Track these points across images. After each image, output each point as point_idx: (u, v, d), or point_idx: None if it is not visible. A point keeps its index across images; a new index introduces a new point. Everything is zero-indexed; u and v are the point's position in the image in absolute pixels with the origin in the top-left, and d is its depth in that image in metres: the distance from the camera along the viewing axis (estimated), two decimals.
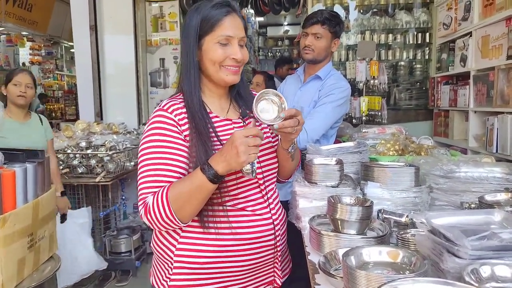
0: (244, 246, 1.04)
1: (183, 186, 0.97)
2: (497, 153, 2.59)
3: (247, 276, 1.08)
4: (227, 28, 1.05)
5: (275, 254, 1.10)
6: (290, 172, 1.23)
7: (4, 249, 1.46)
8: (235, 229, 1.03)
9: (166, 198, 0.96)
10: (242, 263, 1.05)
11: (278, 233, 1.09)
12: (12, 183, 1.51)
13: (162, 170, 1.00)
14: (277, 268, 1.13)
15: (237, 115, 1.16)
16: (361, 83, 3.19)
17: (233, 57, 1.06)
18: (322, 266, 0.83)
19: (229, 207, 1.04)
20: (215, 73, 1.08)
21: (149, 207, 0.98)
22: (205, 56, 1.07)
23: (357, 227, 0.95)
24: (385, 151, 1.79)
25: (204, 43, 1.07)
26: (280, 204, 1.17)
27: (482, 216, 0.81)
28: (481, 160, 1.52)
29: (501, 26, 2.63)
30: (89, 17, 3.75)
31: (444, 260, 0.67)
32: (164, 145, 1.02)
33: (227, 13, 1.06)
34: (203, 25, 1.06)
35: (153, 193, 0.99)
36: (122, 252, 3.02)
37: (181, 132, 1.04)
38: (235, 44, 1.06)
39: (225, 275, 1.05)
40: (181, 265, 1.05)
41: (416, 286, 0.54)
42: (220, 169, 0.93)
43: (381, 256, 0.71)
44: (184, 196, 0.96)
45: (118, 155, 2.78)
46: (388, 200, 1.12)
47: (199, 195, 0.97)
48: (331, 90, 1.80)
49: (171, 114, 1.05)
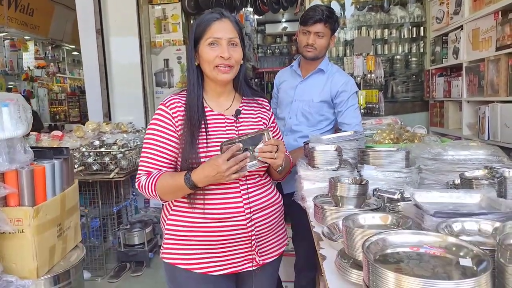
0: (216, 223, 1.23)
1: (168, 183, 1.21)
2: (488, 140, 2.73)
3: (225, 249, 1.26)
4: (215, 31, 1.23)
5: (249, 235, 1.25)
6: (280, 178, 1.44)
7: (38, 237, 1.61)
8: (208, 209, 1.23)
9: (154, 186, 1.22)
10: (217, 238, 1.24)
11: (250, 216, 1.25)
12: (43, 177, 1.67)
13: (154, 155, 1.25)
14: (253, 248, 1.27)
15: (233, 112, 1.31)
16: (358, 78, 3.31)
17: (220, 56, 1.22)
18: (325, 234, 0.99)
19: (206, 191, 1.24)
20: (210, 73, 1.26)
21: (141, 185, 1.25)
22: (201, 58, 1.26)
23: (354, 202, 1.10)
24: (381, 140, 1.93)
25: (199, 46, 1.25)
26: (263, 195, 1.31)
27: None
28: (468, 144, 1.66)
29: (490, 20, 2.76)
30: (95, 21, 3.89)
31: (424, 221, 0.83)
32: (158, 135, 1.25)
33: (216, 19, 1.24)
34: (197, 31, 1.25)
35: (146, 173, 1.25)
36: (135, 244, 3.17)
37: (174, 124, 1.25)
38: (224, 45, 1.23)
39: (202, 247, 1.25)
40: (170, 236, 1.29)
41: (399, 236, 0.69)
42: (200, 184, 1.17)
43: (374, 220, 0.86)
44: (168, 190, 1.22)
45: (130, 152, 2.93)
46: (382, 180, 1.27)
47: (180, 193, 1.23)
48: (346, 86, 1.93)
49: (167, 108, 1.26)
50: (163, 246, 1.33)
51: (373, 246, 0.67)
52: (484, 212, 0.85)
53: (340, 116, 1.94)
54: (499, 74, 2.64)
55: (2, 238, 1.57)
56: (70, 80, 9.52)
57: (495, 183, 1.06)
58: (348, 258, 0.83)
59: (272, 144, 1.18)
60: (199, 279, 1.26)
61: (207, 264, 1.26)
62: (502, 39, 2.58)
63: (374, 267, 0.58)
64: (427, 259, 0.64)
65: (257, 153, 1.17)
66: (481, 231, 0.79)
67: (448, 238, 0.67)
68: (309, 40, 1.90)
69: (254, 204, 1.28)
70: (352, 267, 0.78)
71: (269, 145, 1.17)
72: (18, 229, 1.57)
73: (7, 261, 1.59)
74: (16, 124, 1.59)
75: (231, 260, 1.27)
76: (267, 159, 1.18)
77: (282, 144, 1.22)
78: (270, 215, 1.33)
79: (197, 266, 1.26)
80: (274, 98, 2.22)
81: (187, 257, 1.26)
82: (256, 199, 1.29)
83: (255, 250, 1.28)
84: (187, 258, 1.26)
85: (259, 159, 1.18)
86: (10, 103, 1.58)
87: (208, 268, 1.26)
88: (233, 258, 1.27)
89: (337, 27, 2.01)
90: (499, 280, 0.59)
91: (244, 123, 1.32)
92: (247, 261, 1.29)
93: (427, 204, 0.90)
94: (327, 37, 1.93)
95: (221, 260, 1.26)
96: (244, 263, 1.29)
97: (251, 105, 1.38)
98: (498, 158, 1.36)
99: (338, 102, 1.93)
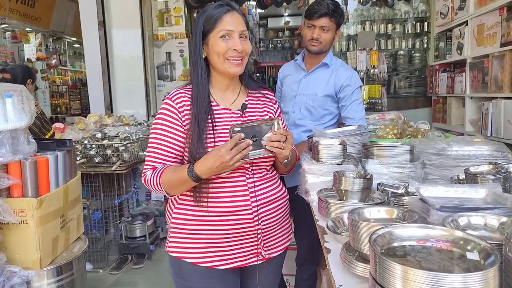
0: (223, 217, 1.22)
1: (173, 176, 1.20)
2: (491, 136, 2.72)
3: (231, 243, 1.25)
4: (227, 23, 1.22)
5: (255, 229, 1.25)
6: (286, 171, 1.42)
7: (41, 228, 1.62)
8: (215, 203, 1.22)
9: (159, 180, 1.21)
10: (223, 232, 1.23)
11: (256, 209, 1.24)
12: (46, 169, 1.66)
13: (159, 149, 1.24)
14: (259, 242, 1.27)
15: (239, 106, 1.30)
16: (361, 72, 3.31)
17: (234, 48, 1.22)
18: (330, 227, 0.99)
19: (212, 185, 1.23)
20: (220, 65, 1.24)
21: (147, 180, 1.24)
22: (212, 50, 1.24)
23: (359, 197, 1.10)
24: (384, 135, 1.93)
25: (209, 39, 1.23)
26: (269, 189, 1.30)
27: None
28: (472, 140, 1.66)
29: (495, 15, 2.74)
30: (97, 14, 3.87)
31: (430, 215, 0.83)
32: (164, 129, 1.24)
33: (226, 11, 1.23)
34: (206, 24, 1.23)
35: (152, 167, 1.24)
36: (137, 236, 3.18)
37: (180, 119, 1.23)
38: (236, 37, 1.22)
39: (209, 241, 1.24)
40: (175, 230, 1.29)
41: (406, 230, 0.69)
42: (204, 176, 1.16)
43: (379, 214, 0.86)
44: (172, 184, 1.21)
45: (132, 145, 2.93)
46: (386, 175, 1.27)
47: (185, 186, 1.21)
48: (350, 80, 1.92)
49: (173, 102, 1.25)
50: (168, 240, 1.32)
51: (380, 239, 0.67)
52: (490, 206, 0.85)
53: (344, 110, 1.94)
54: (503, 71, 2.63)
55: (6, 229, 1.58)
56: (71, 73, 9.50)
57: (500, 179, 1.06)
58: (353, 251, 0.83)
59: (281, 133, 1.15)
60: (205, 273, 1.26)
61: (213, 258, 1.25)
62: (507, 35, 2.57)
63: (381, 260, 0.58)
64: (434, 252, 0.64)
65: (265, 142, 1.14)
66: (487, 225, 0.78)
67: (455, 232, 0.67)
68: (314, 34, 1.88)
69: (260, 198, 1.27)
70: (357, 260, 0.78)
71: (277, 134, 1.15)
72: (21, 220, 1.57)
73: (10, 251, 1.59)
74: (20, 115, 1.59)
75: (237, 254, 1.27)
76: (274, 148, 1.15)
77: (290, 135, 1.20)
78: (276, 209, 1.32)
79: (203, 260, 1.25)
80: (277, 92, 2.21)
81: (193, 251, 1.26)
82: (263, 193, 1.28)
83: (260, 244, 1.28)
84: (193, 252, 1.26)
85: (266, 148, 1.15)
86: (14, 94, 1.58)
87: (214, 262, 1.25)
88: (239, 252, 1.27)
89: (342, 21, 2.00)
90: (506, 274, 0.59)
91: (250, 117, 1.30)
92: (253, 255, 1.29)
93: (433, 199, 0.90)
94: (332, 31, 1.91)
95: (227, 254, 1.26)
96: (250, 257, 1.29)
97: (257, 99, 1.37)
98: (502, 154, 1.36)
99: (342, 96, 1.93)
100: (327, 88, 1.93)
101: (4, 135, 1.54)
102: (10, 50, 7.11)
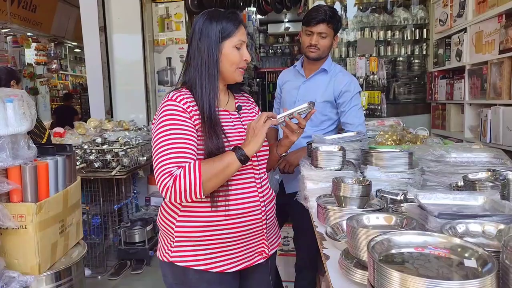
0: (234, 220, 1.22)
1: (214, 162, 1.15)
2: (490, 143, 2.73)
3: (239, 246, 1.26)
4: (242, 34, 1.28)
5: (263, 227, 1.29)
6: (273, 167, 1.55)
7: (40, 233, 1.61)
8: (226, 206, 1.21)
9: (198, 170, 1.11)
10: (234, 235, 1.23)
11: (264, 209, 1.28)
12: (46, 174, 1.67)
13: (180, 147, 1.14)
14: (265, 240, 1.32)
15: (233, 108, 1.35)
16: (361, 79, 3.32)
17: (245, 59, 1.28)
18: (329, 234, 0.99)
19: (224, 187, 1.22)
20: (230, 73, 1.28)
21: (179, 177, 1.10)
22: (225, 58, 1.26)
23: (358, 203, 1.10)
24: (383, 141, 1.94)
25: (224, 47, 1.25)
26: (268, 185, 1.38)
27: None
28: (470, 146, 1.67)
29: (493, 22, 2.76)
30: (98, 19, 3.90)
31: (428, 222, 0.83)
32: (179, 127, 1.17)
33: (239, 23, 1.28)
34: (223, 32, 1.25)
35: (178, 166, 1.12)
36: (136, 242, 3.18)
37: (190, 118, 1.20)
38: (245, 48, 1.28)
39: (219, 245, 1.23)
40: (181, 238, 1.24)
41: (404, 237, 0.69)
42: (248, 151, 1.16)
43: (378, 220, 0.86)
44: (214, 170, 1.13)
45: (132, 150, 2.94)
46: (385, 181, 1.27)
47: (226, 172, 1.15)
48: (349, 86, 1.93)
49: (179, 103, 1.21)
50: (170, 250, 1.26)
51: (378, 246, 0.67)
52: (488, 214, 0.85)
53: (343, 116, 1.95)
54: (502, 77, 2.65)
55: (5, 234, 1.57)
56: (72, 77, 9.53)
57: (499, 186, 1.06)
58: (351, 258, 0.83)
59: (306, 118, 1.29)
60: (213, 279, 1.24)
61: (223, 262, 1.24)
62: (505, 42, 2.59)
63: (379, 267, 0.58)
64: (432, 259, 0.64)
65: (289, 117, 1.27)
66: (485, 233, 0.79)
67: (453, 239, 0.67)
68: (312, 40, 1.90)
69: (266, 196, 1.32)
70: (356, 267, 0.78)
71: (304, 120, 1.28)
72: (20, 225, 1.57)
73: (9, 257, 1.59)
74: (20, 120, 1.59)
75: (246, 254, 1.28)
76: (290, 126, 1.29)
77: (302, 130, 1.32)
78: (273, 204, 1.38)
79: (213, 265, 1.23)
80: (277, 98, 2.22)
81: (202, 258, 1.23)
82: (267, 191, 1.34)
83: (265, 242, 1.32)
84: (203, 258, 1.23)
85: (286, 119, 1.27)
86: (15, 99, 1.58)
87: (225, 266, 1.25)
88: (248, 252, 1.29)
89: (340, 27, 2.02)
90: (504, 281, 0.59)
91: (245, 118, 1.36)
92: (257, 254, 1.31)
93: (431, 206, 0.90)
94: (330, 37, 1.93)
95: (237, 256, 1.26)
96: (255, 256, 1.31)
97: (243, 101, 1.43)
98: (501, 161, 1.37)
99: (341, 102, 1.94)
100: (326, 94, 1.94)
101: (5, 140, 1.54)
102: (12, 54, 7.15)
